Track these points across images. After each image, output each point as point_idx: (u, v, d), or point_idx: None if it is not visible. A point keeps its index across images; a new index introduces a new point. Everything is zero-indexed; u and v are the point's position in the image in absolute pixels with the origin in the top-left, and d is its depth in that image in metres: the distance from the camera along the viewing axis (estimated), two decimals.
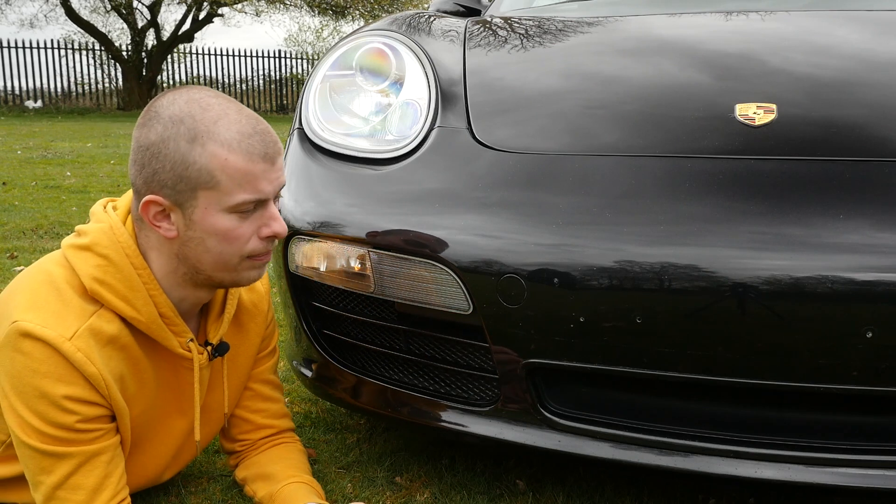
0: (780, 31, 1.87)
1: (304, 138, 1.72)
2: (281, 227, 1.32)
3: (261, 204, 1.30)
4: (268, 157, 1.28)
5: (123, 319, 1.31)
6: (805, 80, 1.59)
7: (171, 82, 19.16)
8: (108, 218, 1.34)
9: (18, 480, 1.39)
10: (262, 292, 1.58)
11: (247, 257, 1.32)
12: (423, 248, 1.44)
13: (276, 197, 1.34)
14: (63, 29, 26.80)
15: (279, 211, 1.56)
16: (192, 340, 1.40)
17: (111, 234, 1.31)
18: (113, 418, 1.33)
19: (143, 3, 18.51)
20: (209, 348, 1.44)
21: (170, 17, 47.42)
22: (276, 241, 1.38)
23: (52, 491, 1.27)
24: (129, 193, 1.38)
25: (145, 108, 1.30)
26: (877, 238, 1.25)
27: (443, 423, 1.53)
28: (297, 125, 1.78)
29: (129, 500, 1.34)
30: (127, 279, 1.30)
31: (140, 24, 18.73)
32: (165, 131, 1.25)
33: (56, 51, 17.47)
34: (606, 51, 1.88)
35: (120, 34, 19.45)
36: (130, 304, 1.31)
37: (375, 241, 1.50)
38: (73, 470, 1.27)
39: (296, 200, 1.63)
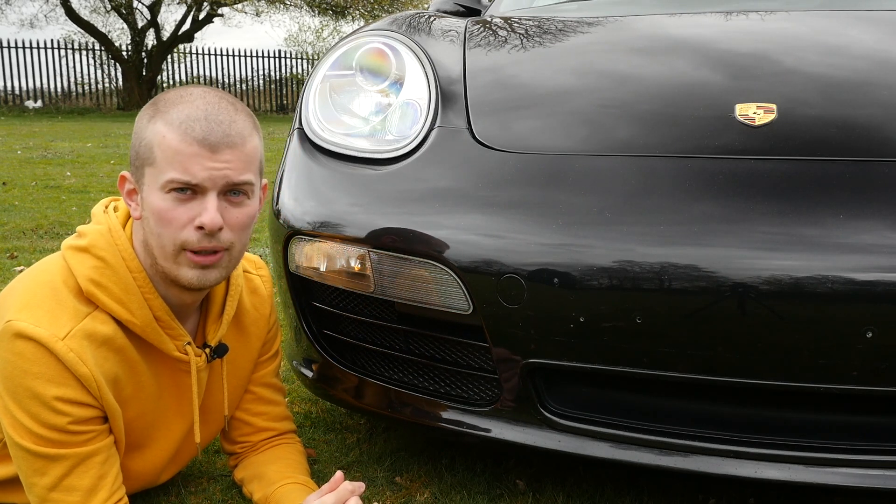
0: (780, 30, 1.87)
1: (304, 138, 1.72)
2: (209, 219, 1.25)
3: (199, 192, 1.26)
4: (206, 143, 1.24)
5: (119, 322, 1.31)
6: (806, 79, 1.59)
7: (171, 82, 19.16)
8: (107, 220, 1.34)
9: (15, 481, 1.39)
10: (265, 296, 1.57)
11: (182, 249, 1.27)
12: (422, 248, 1.44)
13: (232, 192, 1.29)
14: (63, 29, 26.75)
15: (279, 210, 1.55)
16: (188, 343, 1.39)
17: (109, 237, 1.32)
18: (106, 419, 1.32)
19: (143, 3, 18.52)
20: (207, 350, 1.44)
21: (170, 17, 47.35)
22: (219, 241, 1.28)
23: (45, 493, 1.27)
24: None
25: None
26: (877, 238, 1.25)
27: (443, 423, 1.53)
28: (297, 125, 1.78)
29: (125, 500, 1.34)
30: (122, 282, 1.30)
31: (140, 24, 18.72)
32: (141, 112, 1.31)
33: (56, 51, 17.46)
34: (607, 51, 1.87)
35: (120, 34, 19.47)
36: (125, 307, 1.30)
37: (375, 241, 1.49)
38: (66, 471, 1.27)
39: (296, 200, 1.63)
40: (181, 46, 18.93)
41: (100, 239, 1.31)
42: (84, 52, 18.00)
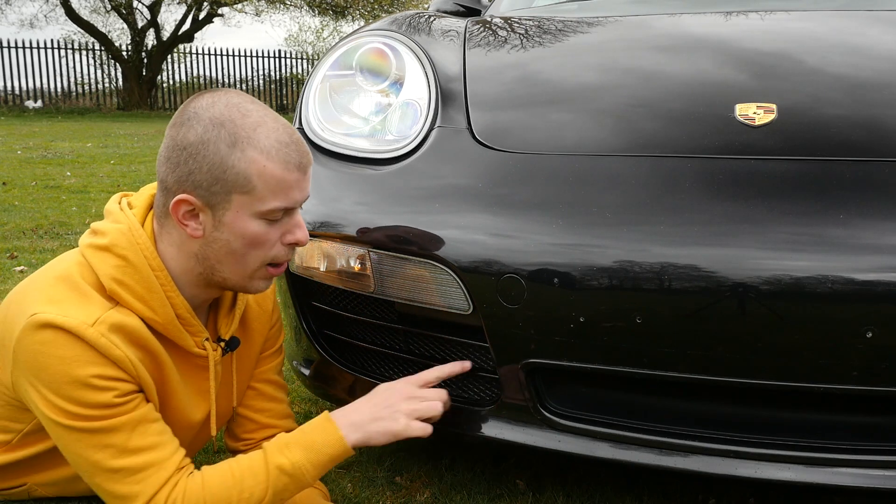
0: (777, 29, 1.87)
1: (304, 138, 1.72)
2: (304, 236, 1.33)
3: (288, 211, 1.31)
4: (301, 167, 1.30)
5: (140, 320, 1.32)
6: (808, 80, 1.59)
7: (171, 82, 19.17)
8: (126, 218, 1.34)
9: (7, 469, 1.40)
10: (267, 291, 1.58)
11: (266, 264, 1.33)
12: (422, 247, 1.44)
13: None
14: (63, 29, 26.85)
15: None
16: (207, 339, 1.40)
17: (129, 236, 1.32)
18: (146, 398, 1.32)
19: (143, 3, 18.54)
20: (221, 344, 1.45)
21: (170, 17, 47.51)
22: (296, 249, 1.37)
23: (114, 462, 1.25)
24: (146, 189, 1.39)
25: (181, 108, 1.31)
26: (877, 238, 1.25)
27: (443, 423, 1.53)
28: (297, 125, 1.78)
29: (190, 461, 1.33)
30: (145, 280, 1.30)
31: (140, 24, 18.74)
32: (206, 133, 1.26)
33: (56, 51, 17.47)
34: (606, 51, 1.87)
35: (120, 34, 19.50)
36: (148, 306, 1.31)
37: (375, 240, 1.50)
38: (127, 437, 1.26)
39: None
40: (181, 46, 18.94)
41: (120, 238, 1.32)
42: (84, 52, 18.01)
